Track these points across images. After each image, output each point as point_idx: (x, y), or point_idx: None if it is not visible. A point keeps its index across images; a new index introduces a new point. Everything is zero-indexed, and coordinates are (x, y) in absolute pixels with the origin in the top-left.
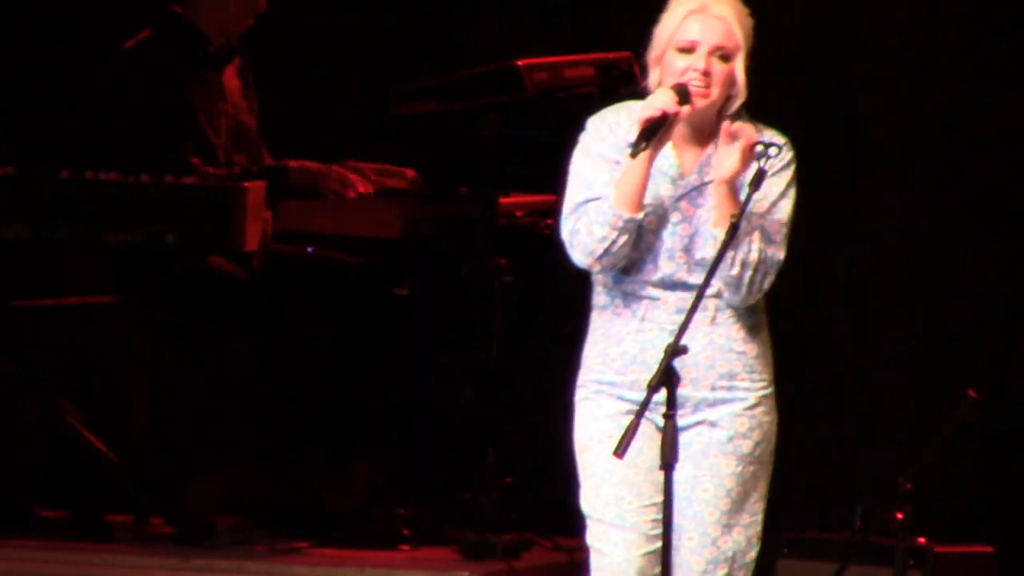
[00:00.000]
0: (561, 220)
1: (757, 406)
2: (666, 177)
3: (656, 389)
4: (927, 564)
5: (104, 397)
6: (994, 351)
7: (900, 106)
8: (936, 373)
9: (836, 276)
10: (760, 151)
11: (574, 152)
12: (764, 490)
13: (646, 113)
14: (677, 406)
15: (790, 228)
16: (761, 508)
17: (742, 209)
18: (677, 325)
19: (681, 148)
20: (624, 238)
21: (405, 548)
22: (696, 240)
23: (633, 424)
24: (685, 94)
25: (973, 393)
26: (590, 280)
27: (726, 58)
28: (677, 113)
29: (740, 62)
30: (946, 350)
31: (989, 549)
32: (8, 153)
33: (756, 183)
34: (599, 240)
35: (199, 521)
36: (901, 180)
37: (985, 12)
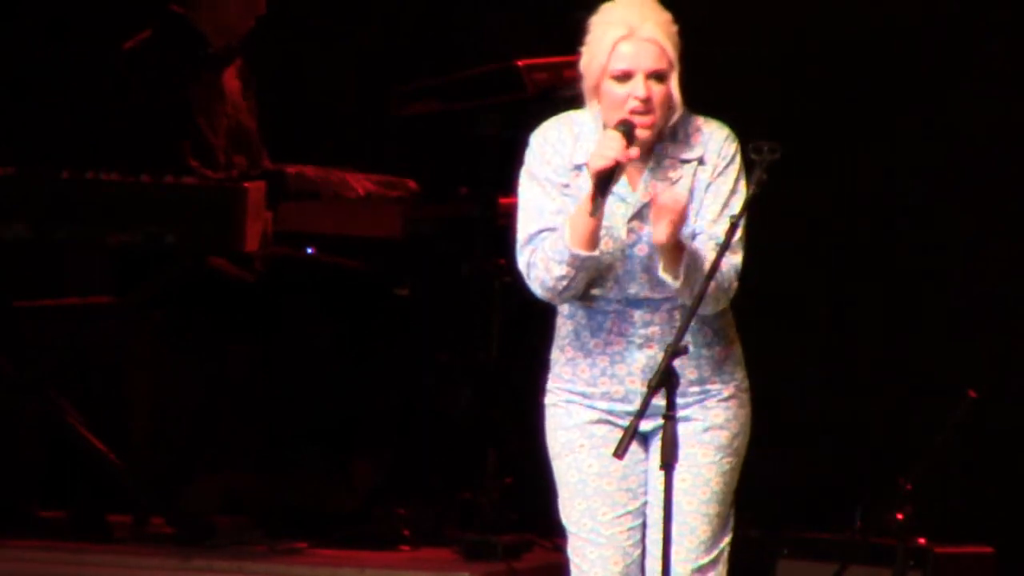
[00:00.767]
0: (517, 250)
1: (731, 399)
2: (616, 197)
3: (656, 390)
4: (927, 564)
5: (104, 397)
6: (994, 351)
7: (900, 106)
8: (936, 373)
9: (836, 276)
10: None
11: (520, 174)
12: (735, 482)
13: (598, 164)
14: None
15: (743, 226)
16: (732, 499)
17: (742, 210)
18: (644, 338)
19: (627, 169)
20: (583, 274)
21: (405, 548)
22: (655, 258)
23: (633, 425)
24: (630, 132)
25: (973, 393)
26: None
27: (662, 78)
28: (628, 158)
29: (675, 78)
30: (946, 350)
31: (989, 549)
32: (8, 153)
33: (756, 184)
34: (557, 278)
35: (199, 521)
36: (901, 180)
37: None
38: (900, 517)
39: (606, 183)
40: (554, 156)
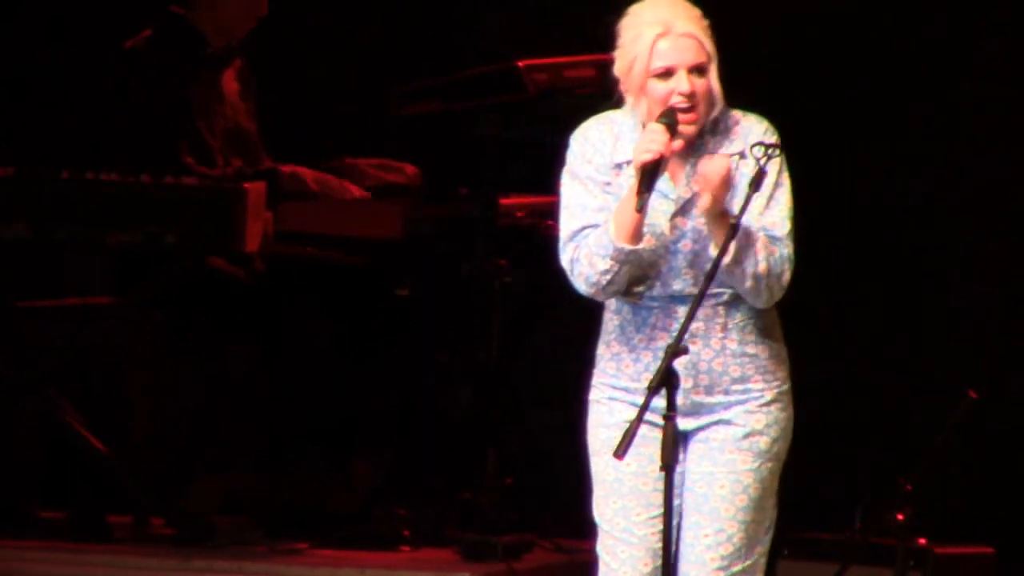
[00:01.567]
0: (560, 248)
1: (773, 402)
2: (658, 194)
3: (656, 390)
4: (927, 565)
5: (104, 397)
6: (994, 351)
7: (900, 105)
8: (936, 373)
9: (835, 277)
10: (759, 152)
11: (562, 174)
12: (777, 485)
13: (643, 158)
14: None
15: (793, 217)
16: (773, 504)
17: (742, 211)
18: (690, 332)
19: (670, 164)
20: (626, 268)
21: (405, 549)
22: (701, 255)
23: (633, 426)
24: (674, 123)
25: (973, 393)
26: None
27: (702, 72)
28: (672, 151)
29: (714, 71)
30: (946, 350)
31: (989, 550)
32: (8, 153)
33: (756, 184)
34: (601, 272)
35: (199, 522)
36: (901, 180)
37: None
38: (900, 517)
39: (651, 177)
40: (595, 155)
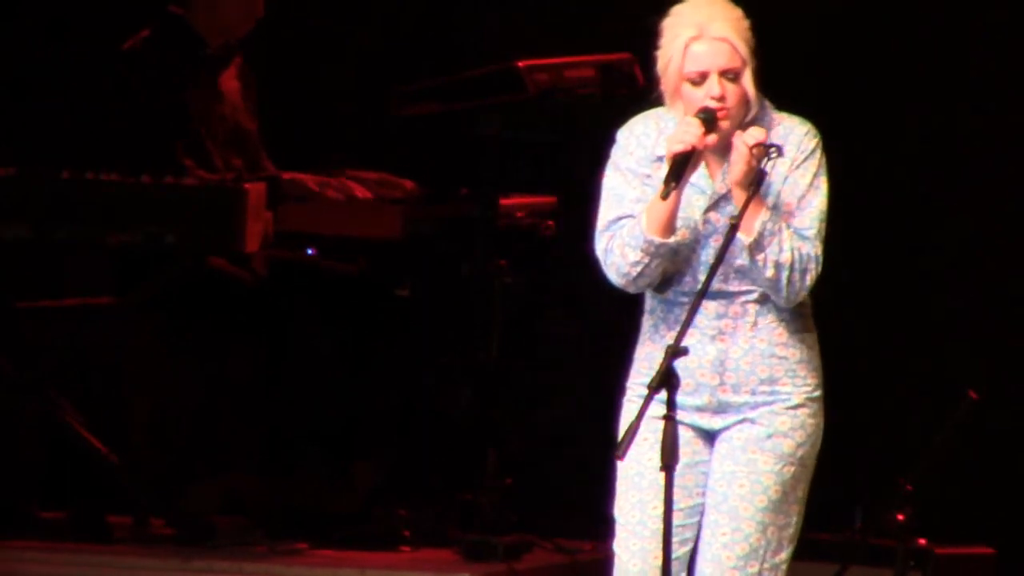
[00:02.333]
0: (595, 236)
1: (801, 407)
2: (695, 189)
3: (656, 391)
4: (928, 565)
5: (104, 397)
6: (994, 351)
7: (900, 105)
8: (936, 373)
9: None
10: (760, 152)
11: (606, 166)
12: (803, 493)
13: (675, 149)
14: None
15: (824, 221)
16: (797, 511)
17: (742, 211)
18: (717, 330)
19: (707, 160)
20: (657, 261)
21: (405, 549)
22: (732, 251)
23: (634, 426)
24: (712, 120)
25: (973, 393)
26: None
27: (736, 77)
28: (705, 145)
29: (748, 75)
30: (946, 350)
31: (990, 550)
32: (8, 153)
33: (757, 184)
34: (632, 264)
35: (199, 522)
36: (901, 180)
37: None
38: (900, 518)
39: (680, 168)
40: (637, 148)
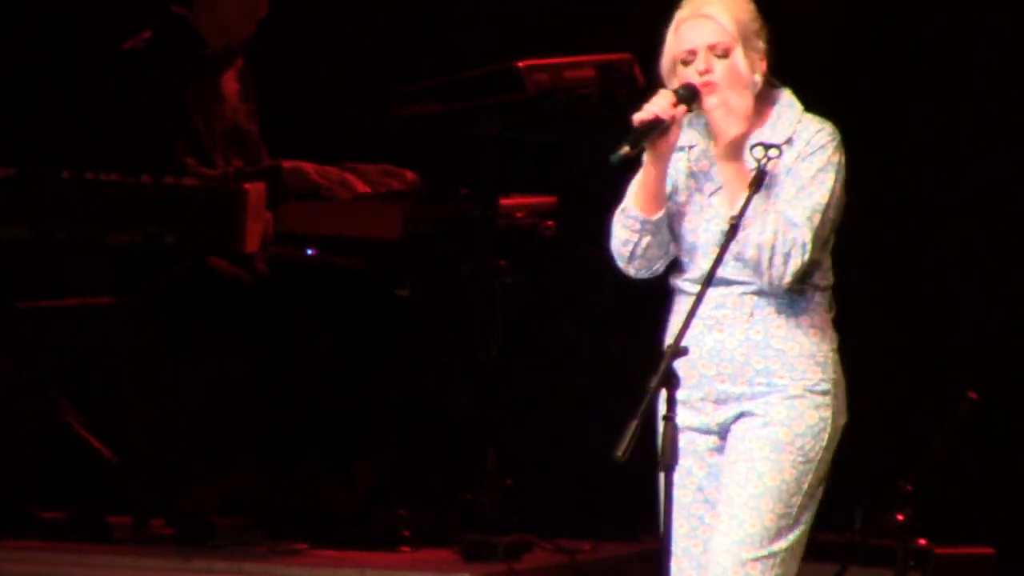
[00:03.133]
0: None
1: (800, 398)
2: (706, 176)
3: (656, 391)
4: (928, 565)
5: (104, 397)
6: (994, 351)
7: (900, 105)
8: (936, 373)
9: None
10: (759, 153)
11: None
12: (807, 487)
13: (639, 116)
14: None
15: (821, 214)
16: (799, 503)
17: (741, 211)
18: (715, 319)
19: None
20: (647, 239)
21: (405, 549)
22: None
23: (634, 427)
24: (690, 96)
25: (973, 394)
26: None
27: (724, 54)
28: (673, 117)
29: (739, 54)
30: (946, 350)
31: (990, 551)
32: (8, 153)
33: (756, 185)
34: (623, 243)
35: (199, 522)
36: (901, 180)
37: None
38: (900, 518)
39: (640, 136)
40: None
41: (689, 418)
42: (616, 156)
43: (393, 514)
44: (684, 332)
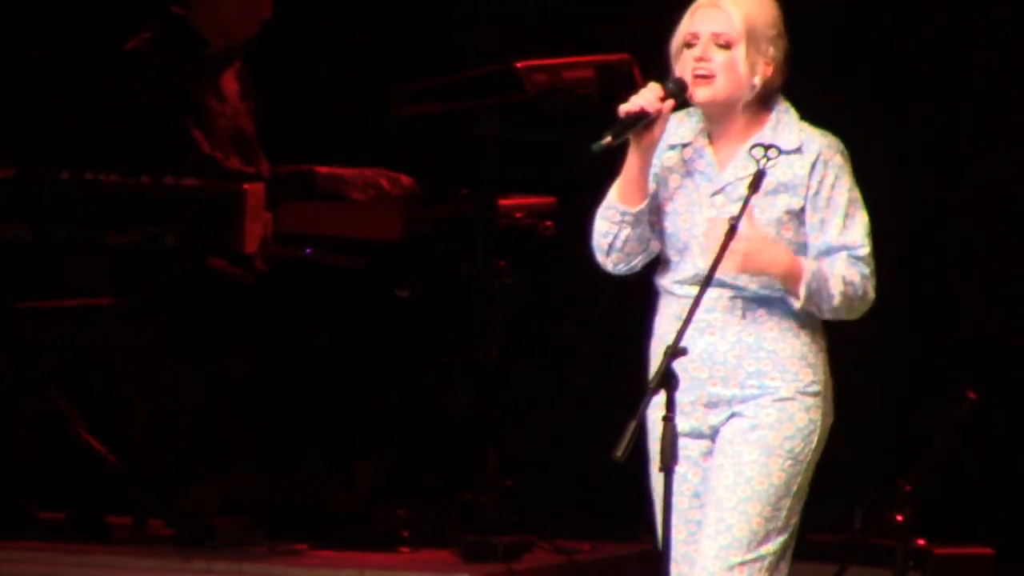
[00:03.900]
0: None
1: (790, 400)
2: (703, 175)
3: (655, 392)
4: (927, 566)
5: (104, 397)
6: (994, 351)
7: (900, 104)
8: (936, 373)
9: None
10: (759, 153)
11: None
12: (796, 488)
13: (624, 107)
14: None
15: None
16: (788, 505)
17: (741, 211)
18: (706, 323)
19: (718, 146)
20: (627, 232)
21: (405, 549)
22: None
23: (634, 427)
24: (678, 89)
25: (973, 394)
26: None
27: (726, 47)
28: (659, 111)
29: (741, 51)
30: (946, 350)
31: (989, 551)
32: (8, 154)
33: (755, 185)
34: (602, 235)
35: (199, 522)
36: (900, 179)
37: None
38: (900, 518)
39: (624, 127)
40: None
41: (680, 423)
42: (598, 145)
43: (393, 514)
44: (683, 332)
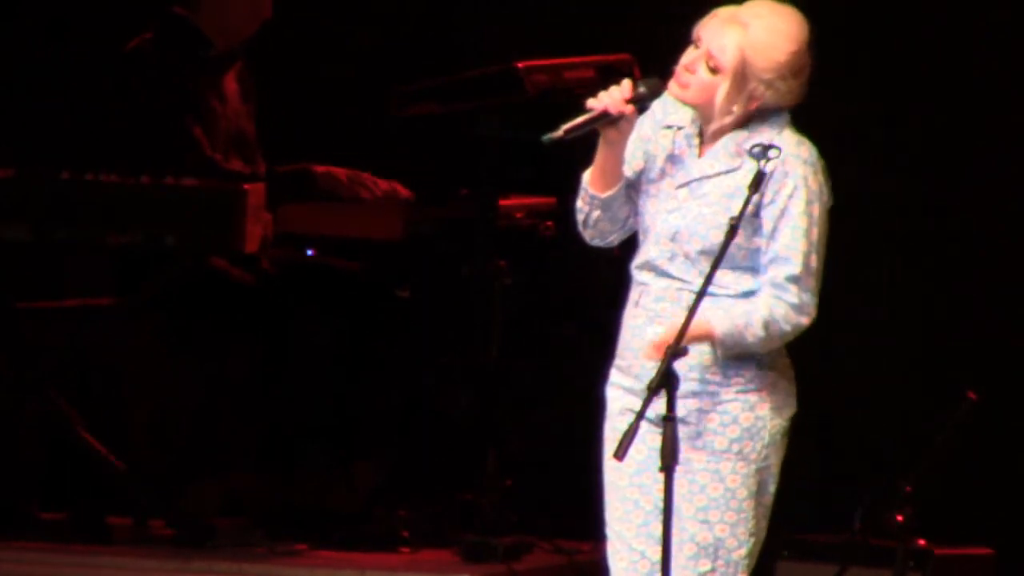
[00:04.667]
0: None
1: (731, 402)
2: (682, 164)
3: (656, 391)
4: (927, 566)
5: (104, 397)
6: (994, 351)
7: (900, 104)
8: (936, 373)
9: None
10: (759, 152)
11: None
12: (755, 487)
13: (591, 103)
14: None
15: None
16: (752, 506)
17: (741, 212)
18: (655, 312)
19: (705, 137)
20: (596, 213)
21: (405, 550)
22: (683, 233)
23: (633, 426)
24: (649, 93)
25: (973, 394)
26: None
27: (713, 71)
28: (621, 113)
29: (724, 86)
30: (946, 350)
31: (989, 551)
32: (8, 154)
33: (756, 185)
34: (578, 211)
35: (199, 523)
36: (900, 179)
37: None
38: (900, 518)
39: (581, 125)
40: (659, 111)
41: (634, 404)
42: (547, 138)
43: (393, 514)
44: (683, 332)
